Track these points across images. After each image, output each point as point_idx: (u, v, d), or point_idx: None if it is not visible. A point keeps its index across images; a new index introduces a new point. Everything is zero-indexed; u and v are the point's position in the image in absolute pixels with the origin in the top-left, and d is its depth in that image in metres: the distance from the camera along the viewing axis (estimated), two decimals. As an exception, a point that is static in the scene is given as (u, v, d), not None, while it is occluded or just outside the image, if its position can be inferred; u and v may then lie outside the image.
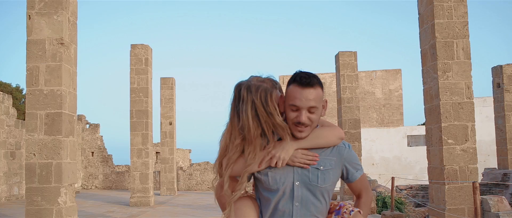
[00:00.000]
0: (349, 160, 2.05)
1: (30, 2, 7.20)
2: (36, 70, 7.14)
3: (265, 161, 1.94)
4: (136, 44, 14.28)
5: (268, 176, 1.96)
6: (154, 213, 11.65)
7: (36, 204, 6.91)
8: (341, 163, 2.04)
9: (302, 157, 1.95)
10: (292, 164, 1.95)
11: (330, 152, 2.02)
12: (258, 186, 2.05)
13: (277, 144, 1.96)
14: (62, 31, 7.19)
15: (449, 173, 7.45)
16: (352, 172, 2.07)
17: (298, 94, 1.92)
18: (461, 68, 7.56)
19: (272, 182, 1.96)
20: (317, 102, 1.94)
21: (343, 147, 2.05)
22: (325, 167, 1.99)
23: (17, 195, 16.40)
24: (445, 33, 7.57)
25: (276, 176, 1.95)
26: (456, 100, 7.53)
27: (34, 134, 7.05)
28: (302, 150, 1.97)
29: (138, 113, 13.98)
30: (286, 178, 1.95)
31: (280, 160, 1.92)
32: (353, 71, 14.58)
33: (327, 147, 2.02)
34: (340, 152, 2.04)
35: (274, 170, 1.95)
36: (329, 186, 2.01)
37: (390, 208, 9.97)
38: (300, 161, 1.94)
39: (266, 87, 1.97)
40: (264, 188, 2.00)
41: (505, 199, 7.40)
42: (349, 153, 2.06)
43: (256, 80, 2.02)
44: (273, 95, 1.96)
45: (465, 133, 7.52)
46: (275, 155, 1.93)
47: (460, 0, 7.60)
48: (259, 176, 1.99)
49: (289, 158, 1.94)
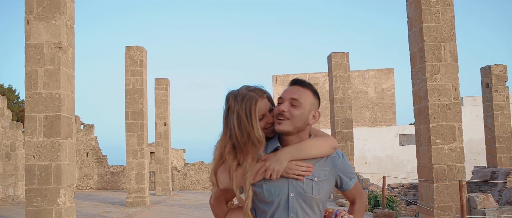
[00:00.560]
0: (343, 169, 2.07)
1: (28, 7, 7.35)
2: (34, 74, 7.29)
3: (259, 173, 1.95)
4: (131, 46, 14.42)
5: (263, 188, 1.97)
6: (150, 213, 11.82)
7: (36, 205, 7.07)
8: (335, 173, 2.06)
9: (297, 168, 1.95)
10: (286, 176, 1.95)
11: (324, 162, 2.04)
12: (254, 198, 2.05)
13: (271, 156, 1.98)
14: (60, 36, 7.35)
15: (437, 171, 7.70)
16: (346, 181, 2.09)
17: (286, 90, 2.03)
18: (449, 70, 7.81)
19: (267, 194, 1.97)
20: (302, 99, 1.98)
21: (337, 157, 2.07)
22: (320, 178, 2.00)
23: (13, 196, 16.48)
24: (433, 37, 7.82)
25: (271, 188, 1.96)
26: (443, 101, 7.78)
27: (33, 136, 7.20)
28: (296, 161, 1.97)
29: (134, 114, 14.13)
30: (281, 190, 1.96)
31: (274, 172, 1.92)
32: (345, 72, 14.82)
33: (320, 157, 2.03)
34: (334, 162, 2.05)
35: (269, 182, 1.96)
36: (323, 196, 2.02)
37: (382, 206, 10.22)
38: (295, 173, 1.95)
39: (252, 96, 1.99)
40: (260, 200, 2.01)
41: (491, 197, 7.66)
42: (343, 163, 2.07)
43: (245, 89, 2.05)
44: (257, 105, 1.97)
45: (452, 133, 7.77)
46: (270, 167, 1.93)
47: (447, 5, 7.85)
48: (254, 188, 2.00)
49: (284, 169, 1.94)
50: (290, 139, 2.02)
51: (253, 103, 1.97)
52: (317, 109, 2.06)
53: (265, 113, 2.02)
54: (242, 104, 1.97)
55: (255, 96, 2.00)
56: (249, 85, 2.07)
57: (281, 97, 2.00)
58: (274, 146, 2.02)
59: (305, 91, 2.00)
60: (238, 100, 1.98)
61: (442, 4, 7.85)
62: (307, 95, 2.00)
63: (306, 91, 2.00)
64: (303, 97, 1.98)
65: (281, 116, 1.96)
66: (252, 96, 1.99)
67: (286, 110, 1.96)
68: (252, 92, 2.02)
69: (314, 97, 2.03)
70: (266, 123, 2.03)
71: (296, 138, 2.02)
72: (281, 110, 1.95)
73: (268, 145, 2.04)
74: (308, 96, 2.00)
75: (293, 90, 2.00)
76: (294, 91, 1.99)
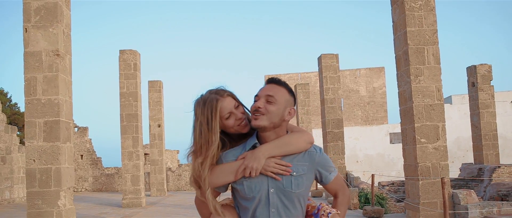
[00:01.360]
0: (321, 163, 2.12)
1: (26, 16, 7.58)
2: (33, 80, 7.53)
3: (239, 172, 2.02)
4: (124, 50, 14.65)
5: (244, 185, 2.03)
6: (146, 213, 12.09)
7: (37, 207, 7.32)
8: (313, 168, 2.10)
9: (275, 166, 2.01)
10: (264, 173, 2.01)
11: (301, 157, 2.08)
12: (236, 195, 2.12)
13: (249, 154, 2.05)
14: (57, 43, 7.59)
15: (422, 169, 8.06)
16: (326, 175, 2.13)
17: (262, 88, 2.10)
18: (432, 72, 8.17)
19: (247, 191, 2.03)
20: (278, 96, 2.05)
21: (314, 151, 2.12)
22: (298, 173, 2.04)
23: (9, 199, 16.64)
24: (417, 40, 8.17)
25: (252, 185, 2.02)
26: (427, 102, 8.14)
27: (33, 141, 7.44)
28: (275, 159, 2.03)
29: (128, 116, 14.37)
30: (261, 186, 2.02)
31: (253, 170, 1.99)
32: (335, 73, 15.17)
33: (298, 152, 2.07)
34: (311, 156, 2.10)
35: (249, 179, 2.03)
36: (303, 190, 2.05)
37: (371, 204, 10.57)
38: (272, 171, 2.01)
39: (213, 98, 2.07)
40: (241, 197, 2.07)
41: (474, 193, 8.02)
42: (321, 157, 2.12)
43: (208, 93, 2.13)
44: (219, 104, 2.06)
45: (436, 132, 8.13)
46: (248, 165, 2.00)
47: (430, 10, 8.21)
48: (236, 186, 2.06)
49: (262, 167, 2.00)
50: (267, 135, 2.07)
51: (214, 105, 2.04)
52: (292, 105, 2.12)
53: (231, 110, 2.09)
54: (204, 108, 2.05)
55: (216, 97, 2.08)
56: (212, 89, 2.14)
57: (257, 94, 2.08)
58: (252, 143, 2.09)
59: (280, 89, 2.08)
60: (201, 105, 2.08)
61: (425, 9, 8.20)
62: (282, 93, 2.07)
63: (281, 89, 2.08)
64: (278, 94, 2.05)
65: (257, 112, 2.03)
66: (212, 98, 2.07)
67: (262, 106, 2.02)
68: (214, 94, 2.10)
69: (289, 95, 2.10)
70: (235, 119, 2.10)
71: (273, 134, 2.08)
72: (257, 106, 2.03)
73: (247, 143, 2.12)
74: (283, 93, 2.07)
75: (268, 88, 2.08)
76: (269, 88, 2.07)
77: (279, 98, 2.04)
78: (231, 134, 2.16)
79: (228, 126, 2.10)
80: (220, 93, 2.10)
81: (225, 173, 2.05)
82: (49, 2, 7.56)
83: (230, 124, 2.09)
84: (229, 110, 2.08)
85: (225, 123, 2.09)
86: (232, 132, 2.14)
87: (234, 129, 2.12)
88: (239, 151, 2.11)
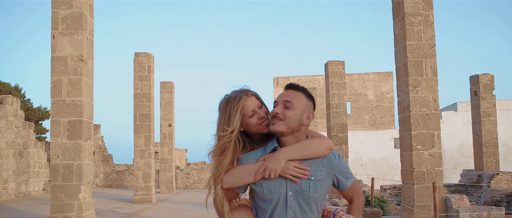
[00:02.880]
0: (339, 169, 2.15)
1: (54, 24, 8.25)
2: (59, 83, 8.19)
3: (259, 173, 2.07)
4: (139, 53, 15.32)
5: (263, 186, 2.08)
6: (157, 209, 12.73)
7: (59, 199, 7.97)
8: (331, 173, 2.14)
9: (294, 169, 2.06)
10: (283, 176, 2.06)
11: (320, 162, 2.12)
12: (255, 197, 2.16)
13: (269, 156, 2.10)
14: (82, 49, 8.25)
15: (417, 174, 8.59)
16: (343, 181, 2.17)
17: (281, 94, 2.16)
18: (429, 84, 8.70)
19: (266, 193, 2.07)
20: (295, 101, 2.10)
21: (333, 157, 2.15)
22: (316, 177, 2.08)
23: (25, 192, 17.40)
24: (415, 53, 8.71)
25: (270, 187, 2.07)
26: (424, 111, 8.67)
27: (58, 138, 8.10)
28: (294, 163, 2.08)
29: (141, 116, 15.03)
30: (279, 189, 2.06)
31: (272, 171, 2.04)
32: (341, 79, 15.71)
33: (317, 157, 2.12)
34: (330, 162, 2.13)
35: (269, 181, 2.07)
36: (320, 195, 2.09)
37: (371, 206, 11.11)
38: (291, 174, 2.06)
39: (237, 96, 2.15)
40: (260, 198, 2.11)
41: (466, 197, 8.53)
42: (339, 163, 2.15)
43: (233, 92, 2.21)
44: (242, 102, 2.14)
45: (432, 140, 8.65)
46: (268, 167, 2.05)
47: (429, 25, 8.74)
48: (255, 187, 2.11)
49: (281, 169, 2.06)
50: (286, 140, 2.12)
51: (237, 101, 2.13)
52: (311, 110, 2.16)
53: (255, 109, 2.16)
54: (228, 105, 2.14)
55: (240, 95, 2.16)
56: (235, 89, 2.23)
57: (276, 100, 2.15)
58: (272, 146, 2.14)
59: (298, 94, 2.13)
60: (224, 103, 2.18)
61: (424, 24, 8.74)
62: (300, 98, 2.12)
63: (299, 94, 2.13)
64: (296, 100, 2.10)
65: (275, 118, 2.09)
66: (237, 96, 2.15)
67: (280, 111, 2.08)
68: (238, 92, 2.19)
69: (307, 100, 2.15)
70: (258, 118, 2.16)
71: (293, 139, 2.13)
72: (275, 112, 2.09)
73: (267, 146, 2.18)
74: (301, 98, 2.12)
75: (286, 94, 2.13)
76: (287, 94, 2.13)
77: (297, 104, 2.10)
78: (253, 136, 2.23)
79: (251, 124, 2.16)
80: (245, 92, 2.18)
81: (245, 173, 2.10)
82: (75, 12, 8.22)
83: (252, 122, 2.15)
84: (253, 108, 2.14)
85: (248, 120, 2.15)
86: (254, 131, 2.19)
87: (256, 128, 2.17)
88: (259, 153, 2.17)
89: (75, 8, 8.22)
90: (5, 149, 16.12)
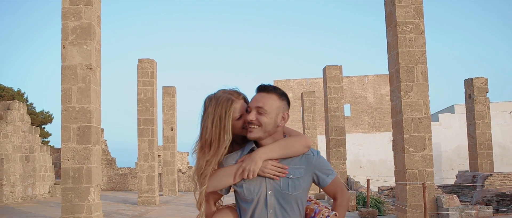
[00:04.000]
0: (318, 167, 2.15)
1: (64, 34, 8.71)
2: (69, 90, 8.65)
3: (238, 174, 2.09)
4: (142, 59, 15.78)
5: (243, 187, 2.10)
6: (161, 211, 13.17)
7: (70, 201, 8.42)
8: (311, 171, 2.14)
9: (272, 168, 2.08)
10: (262, 175, 2.08)
11: (299, 160, 2.13)
12: (237, 198, 2.18)
13: (246, 157, 2.11)
14: (90, 58, 8.71)
15: (410, 175, 9.02)
16: (323, 178, 2.16)
17: (252, 98, 2.12)
18: (420, 89, 9.14)
19: (247, 193, 2.09)
20: (268, 106, 2.07)
21: (311, 155, 2.15)
22: (295, 175, 2.09)
23: (31, 196, 17.84)
24: (407, 60, 9.16)
25: (250, 187, 2.09)
26: (416, 115, 9.11)
27: (68, 143, 8.55)
28: (272, 161, 2.09)
29: (145, 121, 15.49)
30: (259, 188, 2.08)
31: (250, 172, 2.05)
32: (338, 84, 16.17)
33: (294, 156, 2.12)
34: (308, 160, 2.13)
35: (248, 182, 2.09)
36: (300, 193, 2.09)
37: (367, 206, 11.55)
38: (270, 173, 2.08)
39: (228, 98, 2.11)
40: (241, 199, 2.13)
41: (456, 197, 8.96)
42: (318, 160, 2.15)
43: (221, 92, 2.16)
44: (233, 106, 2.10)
45: (423, 143, 9.09)
46: (245, 168, 2.07)
47: (420, 33, 9.19)
48: (236, 188, 2.13)
49: (260, 169, 2.07)
50: (264, 141, 2.13)
51: (229, 105, 2.09)
52: (286, 110, 2.15)
53: (243, 113, 2.13)
54: (218, 106, 2.10)
55: (231, 98, 2.12)
56: (225, 89, 2.19)
57: (249, 106, 2.12)
58: (250, 147, 2.15)
59: (270, 96, 2.10)
60: (213, 103, 2.12)
61: (415, 32, 9.19)
62: (273, 100, 2.10)
63: (271, 96, 2.10)
64: (268, 104, 2.08)
65: (250, 125, 2.08)
66: (227, 98, 2.11)
67: (254, 118, 2.07)
68: (228, 94, 2.14)
69: (280, 100, 2.12)
70: (244, 122, 2.14)
71: (270, 140, 2.13)
72: (250, 119, 2.07)
73: (245, 147, 2.18)
74: (274, 100, 2.10)
75: (258, 98, 2.10)
76: (258, 99, 2.10)
77: (269, 108, 2.08)
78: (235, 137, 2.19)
79: (236, 126, 2.14)
80: (235, 95, 2.15)
81: (225, 176, 2.12)
82: (84, 23, 8.68)
83: (238, 125, 2.14)
84: (241, 112, 2.13)
85: (234, 123, 2.13)
86: (238, 133, 2.18)
87: (240, 131, 2.16)
88: (238, 155, 2.17)
89: (84, 20, 8.68)
90: (12, 153, 16.57)
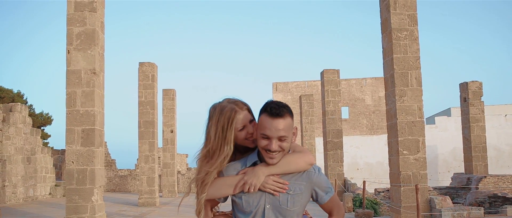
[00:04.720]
0: (318, 184, 2.15)
1: (69, 40, 8.97)
2: (74, 94, 8.91)
3: (238, 186, 2.09)
4: (143, 62, 16.05)
5: (242, 199, 2.10)
6: (161, 212, 13.42)
7: (74, 201, 8.67)
8: (310, 187, 2.14)
9: (273, 184, 2.07)
10: (263, 190, 2.08)
11: (300, 176, 2.13)
12: (234, 207, 2.19)
13: (249, 170, 2.11)
14: (94, 63, 8.97)
15: (404, 177, 9.30)
16: (322, 195, 2.16)
17: (268, 125, 2.01)
18: (414, 94, 9.43)
19: (245, 205, 2.10)
20: (287, 131, 2.03)
21: (313, 171, 2.15)
22: (295, 192, 2.09)
23: (32, 197, 18.07)
24: (402, 66, 9.44)
25: (249, 199, 2.09)
26: (410, 119, 9.40)
27: (72, 146, 8.81)
28: (274, 177, 2.09)
29: (146, 123, 15.74)
30: (258, 201, 2.09)
31: (251, 186, 2.06)
32: (336, 87, 16.46)
33: (297, 172, 2.12)
34: (309, 176, 2.13)
35: (248, 194, 2.09)
36: (298, 209, 2.11)
37: (363, 207, 11.82)
38: (270, 188, 2.07)
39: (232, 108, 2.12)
40: (239, 210, 2.14)
41: (449, 198, 9.24)
42: (319, 177, 2.15)
43: (226, 102, 2.16)
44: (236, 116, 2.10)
45: (417, 146, 9.37)
46: (247, 181, 2.07)
47: (414, 39, 9.48)
48: (235, 198, 2.14)
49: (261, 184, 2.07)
50: None
51: (232, 115, 2.10)
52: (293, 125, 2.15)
53: (246, 124, 2.13)
54: (221, 115, 2.11)
55: (235, 108, 2.12)
56: (230, 98, 2.20)
57: (266, 134, 2.03)
58: (253, 160, 2.15)
59: (286, 120, 2.04)
60: (217, 112, 2.13)
61: (410, 39, 9.48)
62: (288, 122, 2.05)
63: (286, 120, 2.04)
64: (287, 129, 2.04)
65: (271, 153, 2.05)
66: (232, 108, 2.12)
67: (277, 149, 2.04)
68: (232, 104, 2.14)
69: (291, 119, 2.09)
70: (247, 133, 2.13)
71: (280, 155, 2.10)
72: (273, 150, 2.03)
73: (248, 159, 2.17)
74: (289, 123, 2.06)
75: (277, 127, 2.02)
76: (279, 127, 2.02)
77: (288, 132, 2.05)
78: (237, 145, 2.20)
79: (239, 137, 2.14)
80: (239, 105, 2.15)
81: (225, 186, 2.13)
82: (88, 29, 8.95)
83: (241, 136, 2.14)
84: (244, 123, 2.12)
85: (237, 133, 2.13)
86: (239, 144, 2.18)
87: (242, 141, 2.16)
88: (239, 165, 2.17)
89: (88, 26, 8.95)
90: (14, 155, 16.81)
